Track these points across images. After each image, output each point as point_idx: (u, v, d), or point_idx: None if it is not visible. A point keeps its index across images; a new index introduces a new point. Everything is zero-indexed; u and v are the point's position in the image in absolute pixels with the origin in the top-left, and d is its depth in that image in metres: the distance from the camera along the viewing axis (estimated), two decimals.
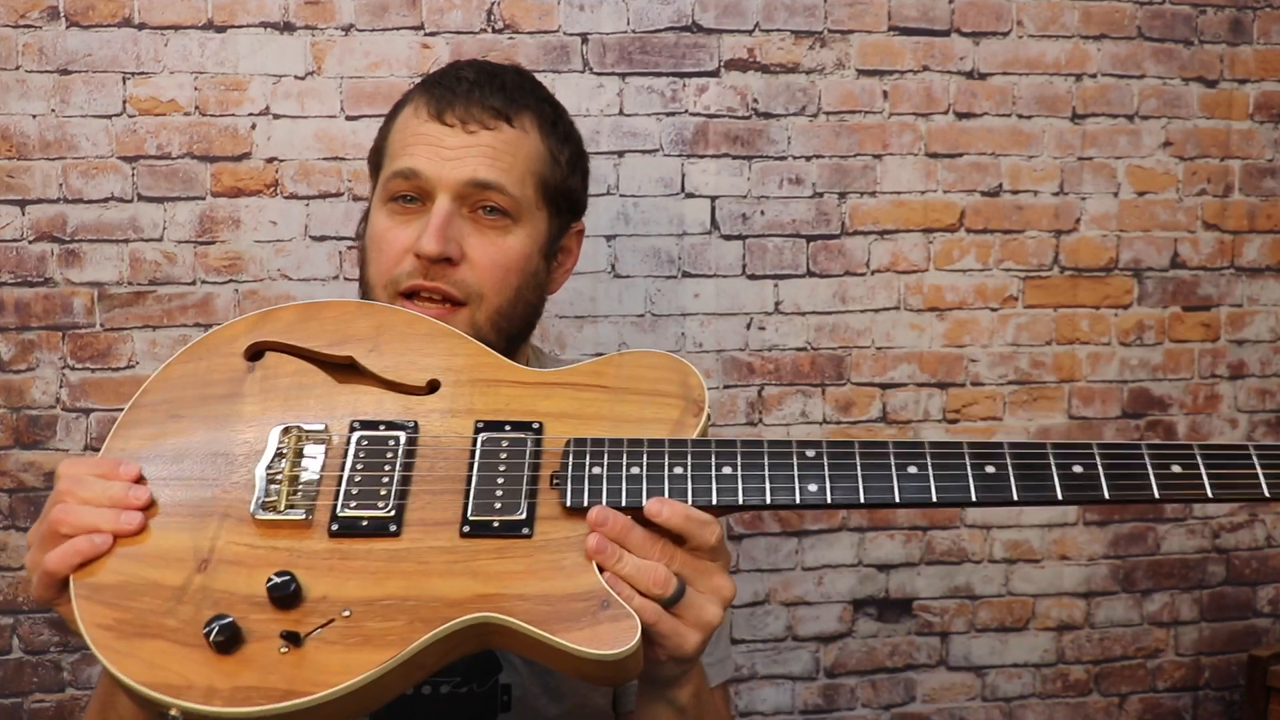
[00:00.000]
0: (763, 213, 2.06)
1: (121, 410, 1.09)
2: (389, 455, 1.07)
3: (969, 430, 2.13)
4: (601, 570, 1.02)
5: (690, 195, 2.04)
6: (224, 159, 1.93)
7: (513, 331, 1.29)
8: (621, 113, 2.01)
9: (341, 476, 1.06)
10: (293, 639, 0.96)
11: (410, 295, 1.24)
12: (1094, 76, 2.13)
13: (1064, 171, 2.14)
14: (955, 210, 2.12)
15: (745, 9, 2.03)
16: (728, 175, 2.05)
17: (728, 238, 2.06)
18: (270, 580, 0.98)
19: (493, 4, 1.97)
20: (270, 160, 1.94)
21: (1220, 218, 2.20)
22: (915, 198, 2.10)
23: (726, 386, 2.07)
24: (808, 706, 2.14)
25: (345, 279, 1.96)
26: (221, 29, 1.91)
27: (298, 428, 1.08)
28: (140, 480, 1.04)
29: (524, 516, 1.04)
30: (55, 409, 1.92)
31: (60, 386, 1.92)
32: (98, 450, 1.09)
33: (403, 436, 1.08)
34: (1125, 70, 2.14)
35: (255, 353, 1.14)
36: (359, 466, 1.06)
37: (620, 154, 2.01)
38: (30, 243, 1.90)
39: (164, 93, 1.91)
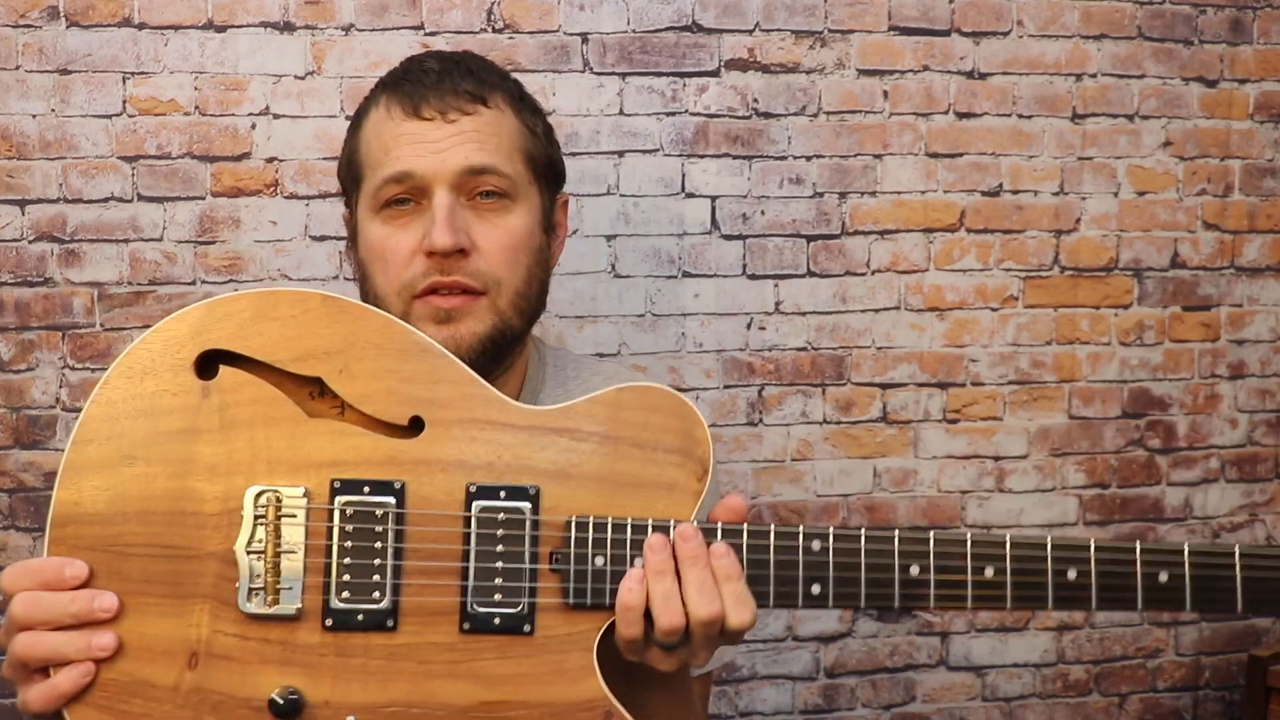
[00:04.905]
0: (763, 213, 2.06)
1: None
2: (378, 530, 0.99)
3: (969, 430, 2.13)
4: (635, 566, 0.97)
5: (690, 195, 2.04)
6: (224, 159, 1.93)
7: (532, 312, 1.27)
8: (621, 112, 2.01)
9: (330, 563, 0.98)
10: None
11: (427, 295, 1.20)
12: (1094, 76, 2.13)
13: (1064, 171, 2.14)
14: (955, 210, 2.12)
15: (745, 9, 2.03)
16: (728, 175, 2.05)
17: (728, 238, 2.06)
18: (273, 701, 0.94)
19: (493, 4, 1.97)
20: (270, 160, 1.94)
21: (1220, 218, 2.20)
22: (915, 198, 2.10)
23: (726, 387, 2.07)
24: (808, 706, 2.14)
25: (345, 279, 1.96)
26: (221, 29, 1.91)
27: (276, 493, 0.98)
28: (90, 577, 0.95)
29: (526, 612, 0.99)
30: (55, 409, 1.92)
31: (60, 386, 1.92)
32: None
33: (392, 503, 0.99)
34: (1125, 70, 2.14)
35: (207, 363, 1.02)
36: (348, 544, 0.98)
37: (620, 154, 2.01)
38: (30, 243, 1.90)
39: (164, 93, 1.91)
